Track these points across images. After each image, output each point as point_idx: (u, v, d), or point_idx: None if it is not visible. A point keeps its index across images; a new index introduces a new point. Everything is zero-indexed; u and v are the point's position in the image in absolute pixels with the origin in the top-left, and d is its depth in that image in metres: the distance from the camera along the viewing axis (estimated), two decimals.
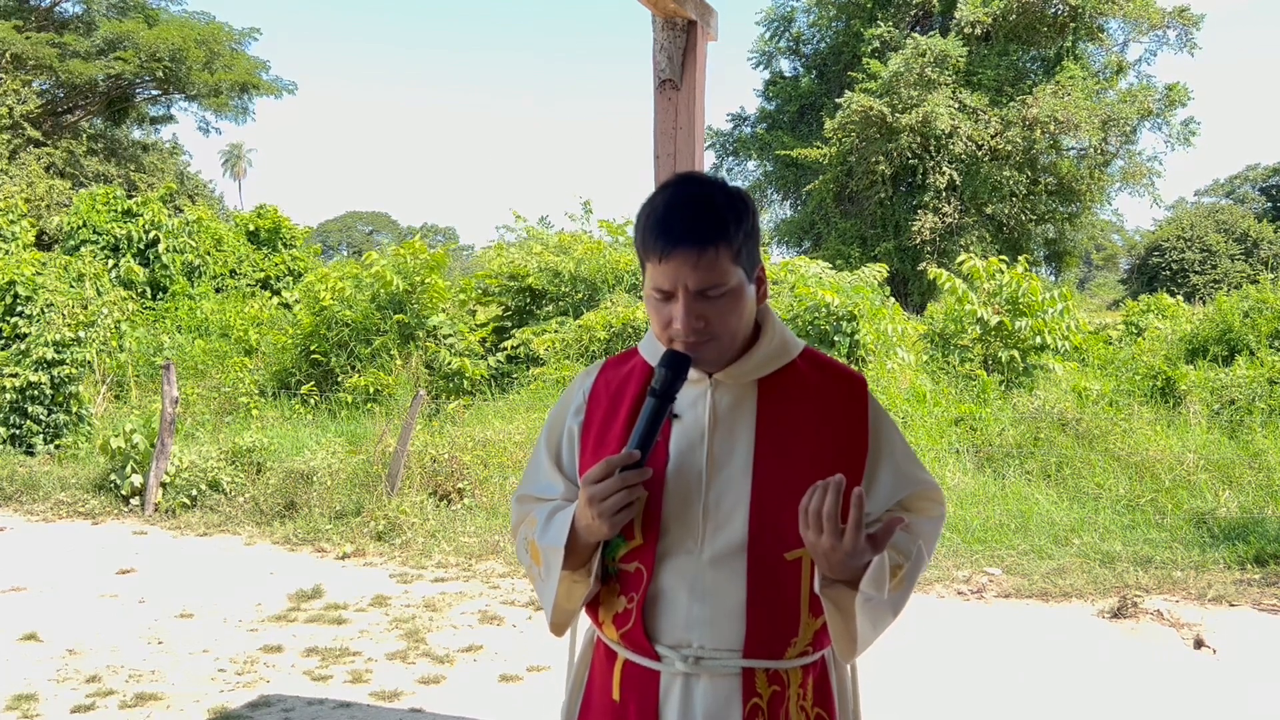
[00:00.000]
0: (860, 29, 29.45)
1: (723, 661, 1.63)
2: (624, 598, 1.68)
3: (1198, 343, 13.60)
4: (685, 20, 3.68)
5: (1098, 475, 9.21)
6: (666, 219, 1.60)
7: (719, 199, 1.62)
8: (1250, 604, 6.70)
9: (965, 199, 26.68)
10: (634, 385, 1.76)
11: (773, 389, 1.71)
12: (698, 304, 1.60)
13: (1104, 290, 56.76)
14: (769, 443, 1.67)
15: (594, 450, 1.75)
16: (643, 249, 1.63)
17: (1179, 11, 28.20)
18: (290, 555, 8.22)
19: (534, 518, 1.79)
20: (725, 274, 1.60)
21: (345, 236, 78.84)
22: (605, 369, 1.85)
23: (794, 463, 1.65)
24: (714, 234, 1.59)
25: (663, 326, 1.64)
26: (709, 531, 1.64)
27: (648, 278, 1.64)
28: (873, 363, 12.22)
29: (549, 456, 1.84)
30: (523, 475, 1.90)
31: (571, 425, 1.81)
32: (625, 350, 1.91)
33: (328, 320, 13.96)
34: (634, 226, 1.68)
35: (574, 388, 1.86)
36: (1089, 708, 5.03)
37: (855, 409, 1.74)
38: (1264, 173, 56.73)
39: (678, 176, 1.69)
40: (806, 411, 1.71)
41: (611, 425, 1.75)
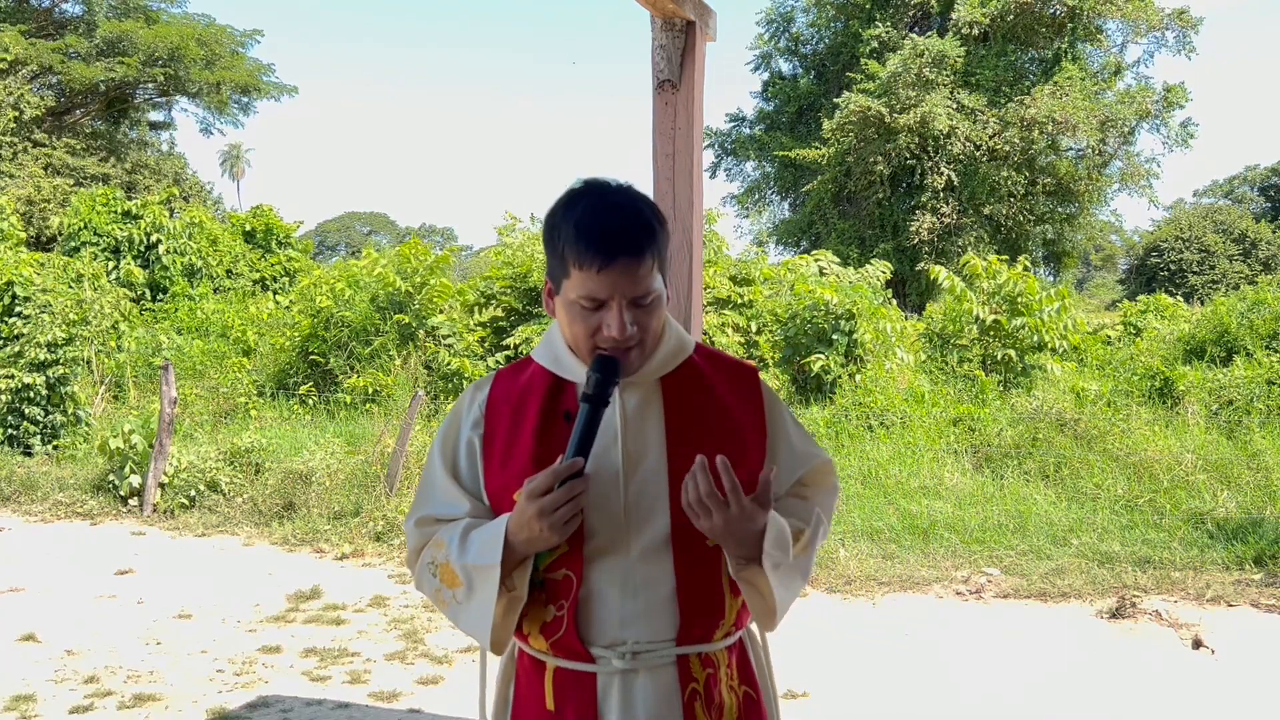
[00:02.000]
0: (858, 29, 29.47)
1: (658, 653, 1.66)
2: (552, 606, 1.68)
3: (1195, 343, 13.61)
4: (684, 21, 3.68)
5: (1096, 475, 9.21)
6: (604, 229, 1.60)
7: (644, 208, 1.65)
8: (1249, 604, 6.70)
9: (963, 199, 26.71)
10: (536, 395, 1.75)
11: (674, 385, 1.75)
12: (630, 311, 1.62)
13: (1102, 291, 56.80)
14: (679, 436, 1.71)
15: (501, 463, 1.74)
16: (573, 259, 1.60)
17: (1178, 13, 28.23)
18: (289, 556, 8.22)
19: (440, 539, 1.74)
20: (654, 281, 1.64)
21: (344, 237, 78.78)
22: (498, 381, 1.82)
23: (705, 452, 1.66)
24: (649, 244, 1.62)
25: (588, 334, 1.65)
26: (633, 529, 1.66)
27: (574, 287, 1.62)
28: (871, 362, 12.23)
29: (446, 473, 1.79)
30: (415, 498, 1.84)
31: (471, 438, 1.78)
32: (516, 361, 1.89)
33: (326, 321, 13.97)
34: (551, 238, 1.66)
35: (465, 402, 1.82)
36: (1087, 708, 5.03)
37: (751, 396, 1.80)
38: (1263, 173, 56.82)
39: (592, 185, 1.68)
40: (708, 403, 1.76)
41: (517, 437, 1.74)
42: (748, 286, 13.50)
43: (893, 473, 9.70)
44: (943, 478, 9.46)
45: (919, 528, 8.34)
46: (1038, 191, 27.28)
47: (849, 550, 7.79)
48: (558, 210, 1.67)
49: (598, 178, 1.70)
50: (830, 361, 12.01)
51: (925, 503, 8.89)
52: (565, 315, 1.67)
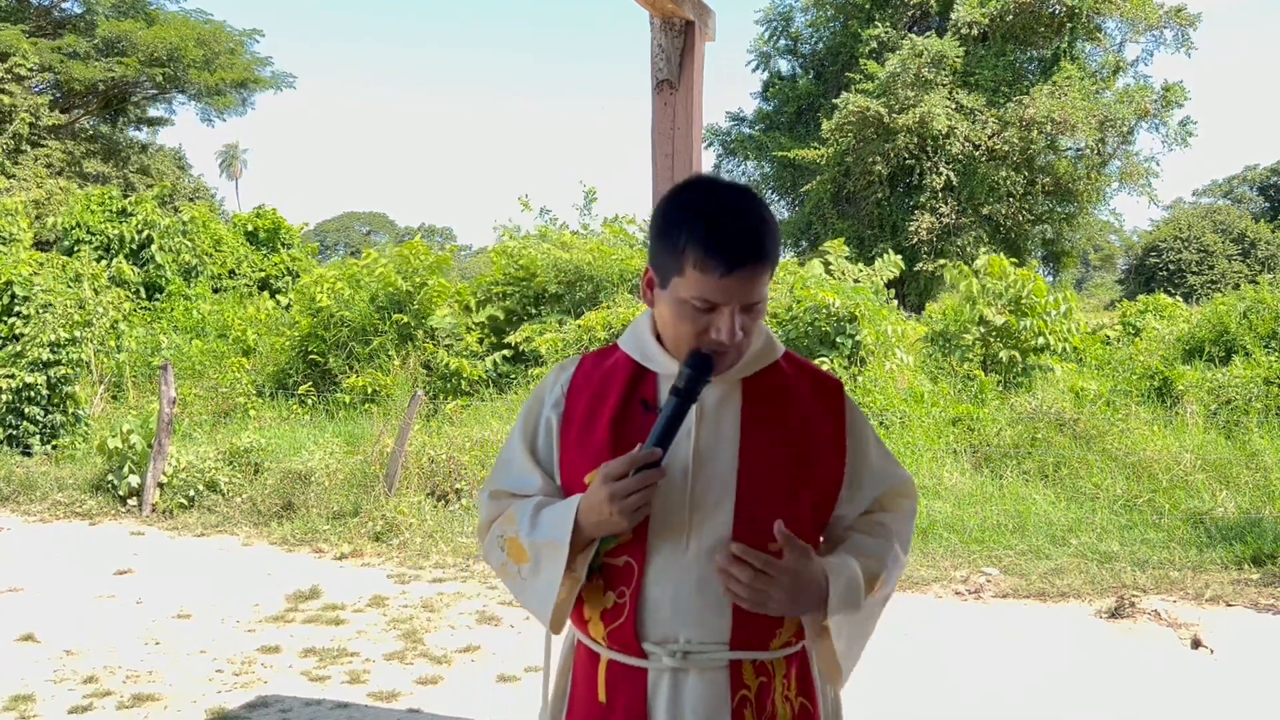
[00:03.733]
0: (858, 29, 29.45)
1: (710, 655, 1.64)
2: (612, 593, 1.68)
3: (1194, 343, 13.60)
4: (683, 21, 3.69)
5: (1095, 475, 9.22)
6: (733, 236, 1.58)
7: (766, 215, 1.63)
8: (1247, 604, 6.71)
9: (962, 199, 26.69)
10: (618, 381, 1.75)
11: (757, 388, 1.74)
12: (740, 316, 1.61)
13: (1101, 290, 56.78)
14: (754, 439, 1.69)
15: (578, 445, 1.74)
16: (695, 260, 1.58)
17: (1175, 11, 28.22)
18: (288, 556, 8.22)
19: (512, 514, 1.76)
20: (767, 288, 1.65)
21: (343, 236, 78.77)
22: (583, 363, 1.83)
23: (778, 459, 1.68)
24: (774, 252, 1.62)
25: (694, 334, 1.62)
26: (694, 525, 1.65)
27: (688, 286, 1.60)
28: (872, 363, 12.23)
29: (525, 449, 1.81)
30: (492, 470, 1.87)
31: (550, 417, 1.79)
32: (602, 347, 1.89)
33: (325, 321, 13.96)
34: (667, 232, 1.62)
35: (550, 381, 1.83)
36: (1087, 708, 5.03)
37: (834, 409, 1.79)
38: (1262, 173, 56.83)
39: (716, 185, 1.66)
40: (789, 410, 1.74)
41: (596, 421, 1.73)
42: None
43: None
44: (942, 477, 9.46)
45: (918, 528, 8.33)
46: (1037, 191, 27.26)
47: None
48: (678, 205, 1.64)
49: (713, 176, 1.68)
50: (834, 364, 12.00)
51: (924, 502, 8.88)
52: (671, 311, 1.65)
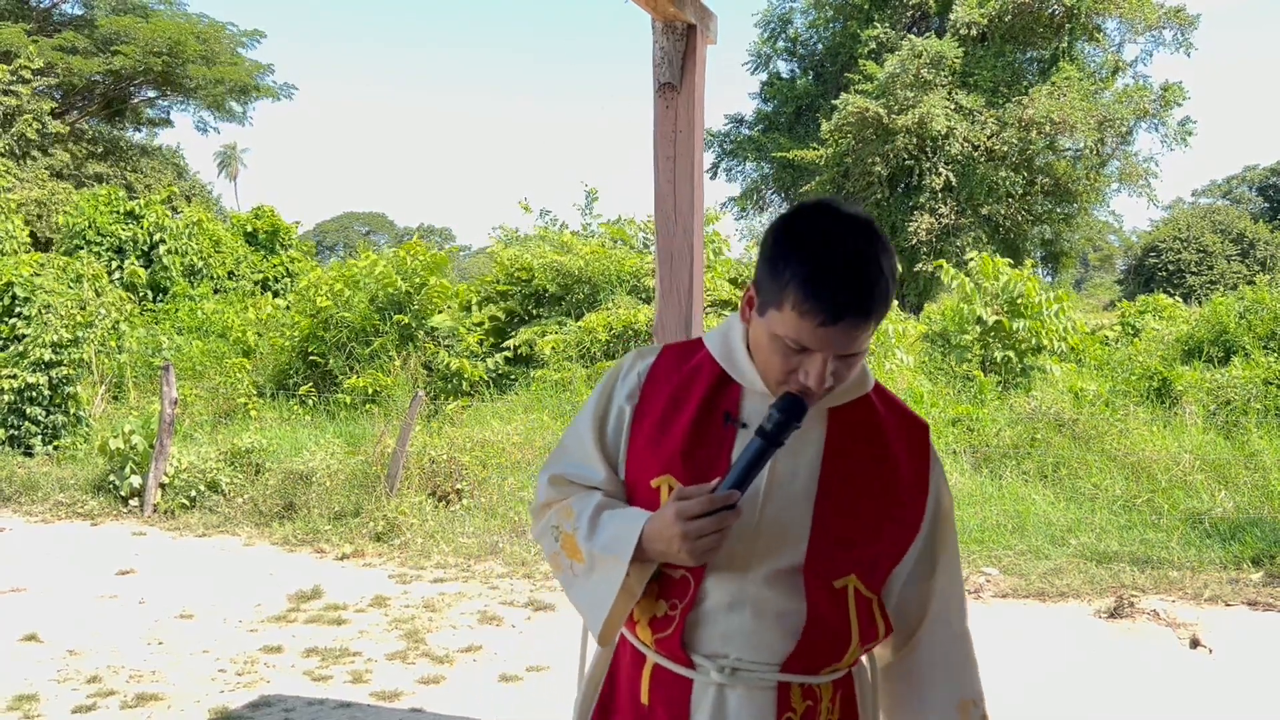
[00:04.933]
0: (857, 30, 29.52)
1: (760, 674, 1.61)
2: (665, 603, 1.64)
3: (1193, 344, 13.63)
4: (684, 24, 3.70)
5: (1094, 476, 9.24)
6: (841, 289, 1.47)
7: (884, 262, 1.51)
8: (1245, 603, 6.74)
9: (961, 200, 26.75)
10: (701, 385, 1.68)
11: (843, 419, 1.67)
12: (835, 363, 1.53)
13: (1101, 291, 56.83)
14: (835, 470, 1.64)
15: (649, 444, 1.67)
16: (795, 302, 1.48)
17: (1174, 11, 28.28)
18: (289, 556, 8.24)
19: (570, 507, 1.70)
20: (869, 339, 1.56)
21: (342, 237, 78.75)
22: (664, 356, 1.74)
23: (857, 493, 1.64)
24: (882, 309, 1.51)
25: (783, 371, 1.55)
26: (761, 549, 1.60)
27: (784, 324, 1.51)
28: (871, 363, 12.26)
29: (594, 436, 1.72)
30: (555, 451, 1.79)
31: (624, 408, 1.71)
32: (686, 340, 1.81)
33: (325, 321, 13.99)
34: (774, 262, 1.52)
35: (627, 368, 1.75)
36: (1086, 707, 5.06)
37: (920, 450, 1.73)
38: (1261, 174, 56.91)
39: (837, 219, 1.53)
40: (874, 446, 1.68)
41: (673, 423, 1.66)
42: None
43: None
44: None
45: None
46: (1036, 192, 27.32)
47: None
48: (790, 236, 1.54)
49: (836, 203, 1.56)
50: None
51: None
52: (765, 342, 1.57)
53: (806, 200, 1.60)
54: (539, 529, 1.78)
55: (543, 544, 1.76)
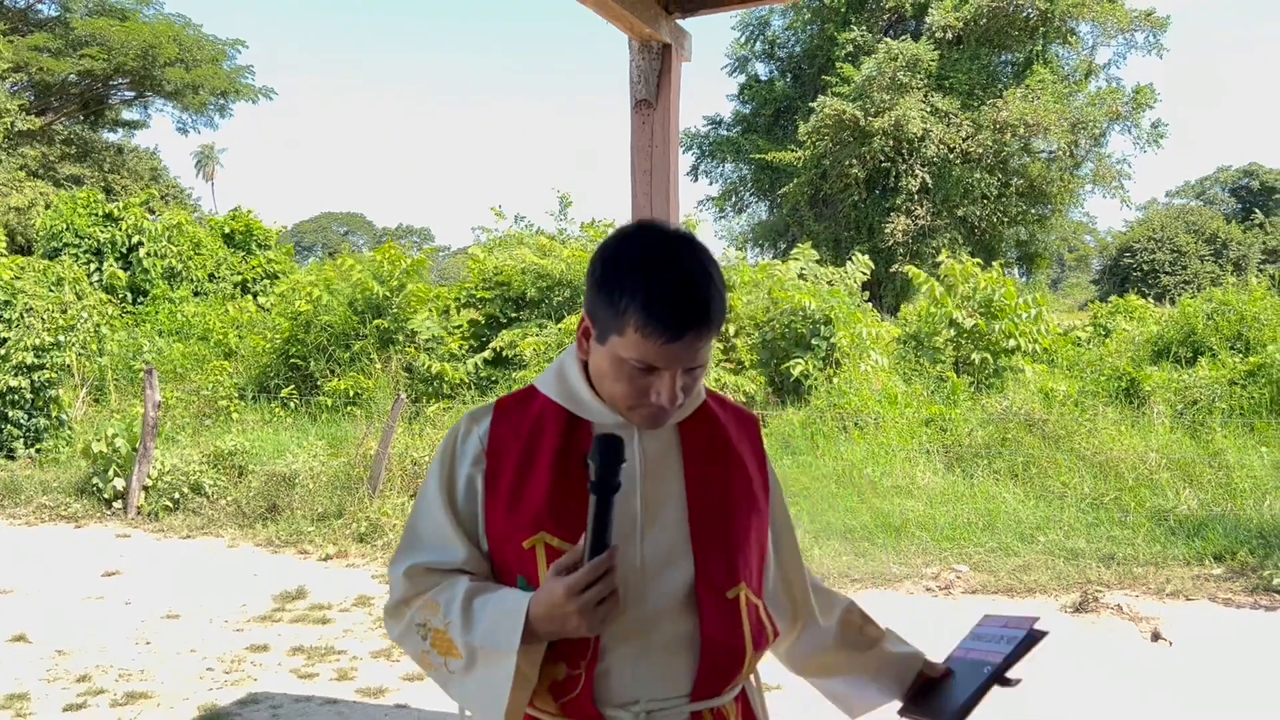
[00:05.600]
0: (834, 33, 29.74)
1: (672, 710, 1.58)
2: (564, 665, 1.56)
3: (1163, 344, 13.88)
4: (660, 44, 3.86)
5: (1063, 474, 9.46)
6: (681, 305, 1.48)
7: (714, 273, 1.53)
8: (1206, 598, 6.95)
9: (937, 201, 27.00)
10: (550, 433, 1.62)
11: (693, 432, 1.68)
12: (683, 378, 1.54)
13: (1076, 291, 57.37)
14: (698, 484, 1.64)
15: (509, 506, 1.59)
16: (637, 324, 1.48)
17: (1145, 14, 28.67)
18: (273, 557, 8.34)
19: (435, 601, 1.58)
20: (710, 349, 1.57)
21: (320, 237, 78.53)
22: (499, 413, 1.66)
23: (723, 501, 1.64)
24: (721, 318, 1.53)
25: (635, 395, 1.54)
26: (650, 582, 1.58)
27: (629, 348, 1.50)
28: (847, 365, 12.45)
29: (446, 515, 1.62)
30: (402, 541, 1.67)
31: (473, 475, 1.62)
32: (517, 390, 1.73)
33: (305, 324, 14.07)
34: (608, 288, 1.51)
35: (459, 434, 1.66)
36: (1050, 697, 5.24)
37: (756, 445, 1.77)
38: (1233, 174, 57.62)
39: (662, 239, 1.55)
40: (724, 451, 1.70)
41: (529, 479, 1.59)
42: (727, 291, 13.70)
43: (866, 472, 9.92)
44: (915, 477, 9.69)
45: (891, 526, 8.56)
46: (1010, 193, 27.61)
47: (823, 548, 8.00)
48: (621, 261, 1.53)
49: (658, 225, 1.58)
50: (809, 366, 12.23)
51: (898, 501, 9.11)
52: (609, 369, 1.55)
53: (626, 225, 1.61)
54: (400, 630, 1.65)
55: (405, 645, 1.65)
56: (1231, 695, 5.26)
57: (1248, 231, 46.49)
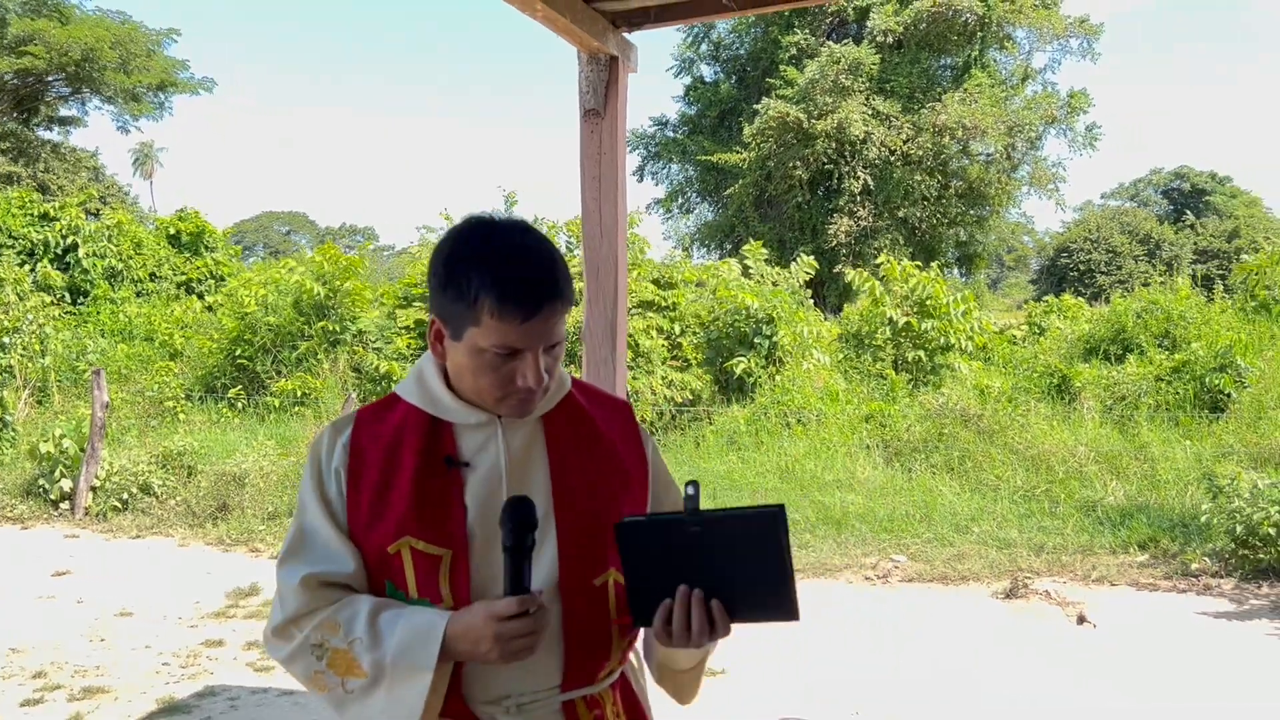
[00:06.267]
0: (778, 36, 30.13)
1: (543, 702, 1.60)
2: None
3: (1094, 342, 14.35)
4: (607, 56, 4.05)
5: (997, 468, 9.81)
6: (529, 280, 1.50)
7: (554, 251, 1.56)
8: (1129, 583, 7.30)
9: (879, 203, 27.49)
10: (412, 438, 1.61)
11: (557, 424, 1.68)
12: (544, 358, 1.56)
13: (1015, 290, 58.48)
14: (563, 476, 1.64)
15: (373, 511, 1.58)
16: (491, 309, 1.48)
17: (1080, 21, 29.43)
18: (224, 555, 8.41)
19: (334, 620, 1.56)
20: (564, 322, 1.59)
21: (261, 237, 77.54)
22: (360, 423, 1.65)
23: (591, 493, 1.65)
24: (569, 290, 1.56)
25: (501, 384, 1.55)
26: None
27: (486, 335, 1.50)
28: (789, 363, 12.75)
29: (329, 523, 1.60)
30: (289, 548, 1.63)
31: (339, 486, 1.62)
32: (377, 400, 1.72)
33: (252, 324, 14.06)
34: (455, 283, 1.51)
35: (324, 447, 1.64)
36: (981, 679, 5.52)
37: (630, 431, 1.77)
38: (1165, 177, 59.12)
39: (494, 225, 1.56)
40: (591, 440, 1.70)
41: (393, 485, 1.59)
42: (671, 290, 13.93)
43: (808, 467, 10.21)
44: (855, 471, 9.98)
45: (832, 518, 8.84)
46: (950, 195, 28.18)
47: None
48: (459, 252, 1.53)
49: (488, 215, 1.59)
50: (752, 363, 12.49)
51: (838, 495, 9.39)
52: (470, 363, 1.55)
53: (455, 224, 1.61)
54: (289, 651, 1.60)
55: (293, 666, 1.62)
56: (1150, 671, 5.58)
57: (1179, 232, 47.75)
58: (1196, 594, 7.06)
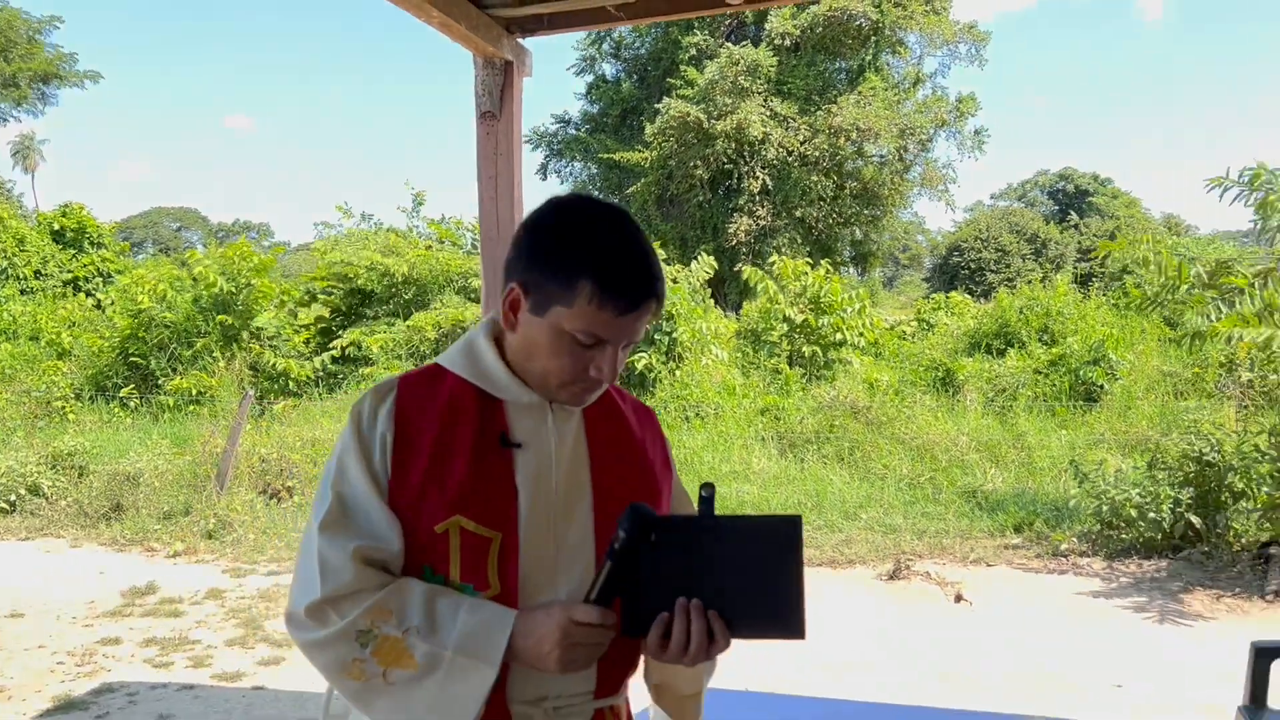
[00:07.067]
0: (678, 37, 30.50)
1: (578, 707, 1.54)
2: None
3: (979, 337, 14.97)
4: (503, 60, 4.21)
5: (884, 457, 10.22)
6: (635, 272, 1.44)
7: (652, 246, 1.51)
8: (1005, 564, 7.73)
9: (777, 203, 28.04)
10: (468, 414, 1.51)
11: (594, 417, 1.60)
12: (621, 353, 1.49)
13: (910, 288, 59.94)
14: (603, 473, 1.56)
15: (420, 488, 1.46)
16: (593, 293, 1.41)
17: (968, 27, 30.47)
18: (119, 555, 8.30)
19: (384, 607, 1.42)
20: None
21: (151, 233, 75.20)
22: (405, 390, 1.54)
23: (625, 490, 1.56)
24: (665, 293, 1.50)
25: (575, 370, 1.47)
26: (561, 576, 1.50)
27: (577, 319, 1.43)
28: (689, 359, 13.03)
29: (375, 494, 1.47)
30: (334, 513, 1.46)
31: (384, 456, 1.49)
32: (419, 368, 1.61)
33: (146, 322, 13.80)
34: (559, 258, 1.44)
35: (368, 410, 1.52)
36: (866, 653, 5.82)
37: (656, 436, 1.71)
38: (1051, 178, 61.34)
39: (613, 213, 1.51)
40: (626, 439, 1.63)
41: (447, 461, 1.47)
42: None
43: (707, 459, 10.49)
44: (751, 462, 10.30)
45: (728, 508, 9.09)
46: (845, 195, 28.87)
47: None
48: (573, 231, 1.47)
49: (593, 198, 1.54)
50: (653, 359, 12.74)
51: (735, 485, 9.68)
52: (547, 343, 1.46)
53: (559, 197, 1.55)
54: (325, 635, 1.43)
55: (324, 653, 1.44)
56: (1020, 643, 5.96)
57: (1064, 231, 49.63)
58: (1063, 573, 7.51)
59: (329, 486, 1.49)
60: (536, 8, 4.25)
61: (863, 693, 5.05)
